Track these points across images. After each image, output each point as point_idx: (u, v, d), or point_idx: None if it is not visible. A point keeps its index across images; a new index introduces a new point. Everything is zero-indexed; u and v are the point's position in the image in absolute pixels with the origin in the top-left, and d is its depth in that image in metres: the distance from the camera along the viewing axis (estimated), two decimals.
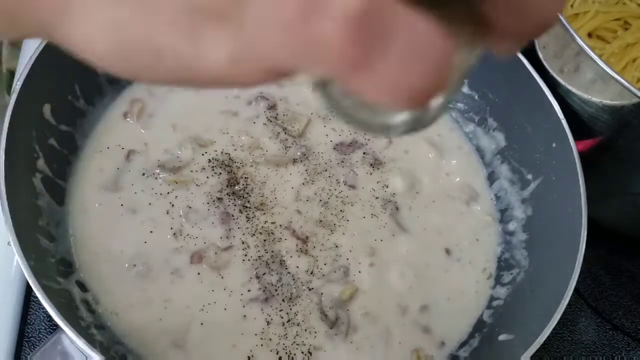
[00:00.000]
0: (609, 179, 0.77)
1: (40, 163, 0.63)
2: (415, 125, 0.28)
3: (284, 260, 0.67)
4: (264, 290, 0.65)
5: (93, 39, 0.23)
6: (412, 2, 0.20)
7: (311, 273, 0.67)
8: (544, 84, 0.71)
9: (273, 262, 0.66)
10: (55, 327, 0.53)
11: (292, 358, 0.62)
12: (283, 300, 0.65)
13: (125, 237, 0.66)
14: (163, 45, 0.22)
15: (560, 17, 0.69)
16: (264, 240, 0.68)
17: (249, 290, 0.65)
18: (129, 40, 0.23)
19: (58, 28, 0.24)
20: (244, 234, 0.68)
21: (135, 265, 0.64)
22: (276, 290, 0.65)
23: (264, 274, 0.66)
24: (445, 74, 0.20)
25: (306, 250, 0.68)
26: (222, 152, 0.73)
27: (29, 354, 0.66)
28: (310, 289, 0.66)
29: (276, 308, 0.64)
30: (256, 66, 0.22)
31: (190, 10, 0.21)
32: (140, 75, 0.25)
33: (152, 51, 0.23)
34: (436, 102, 0.26)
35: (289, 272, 0.66)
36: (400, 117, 0.27)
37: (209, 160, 0.72)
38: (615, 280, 0.84)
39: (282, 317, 0.64)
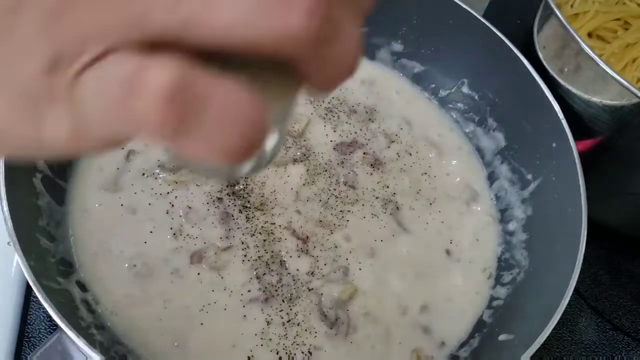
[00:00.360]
0: (609, 179, 0.77)
1: (41, 163, 0.63)
2: (248, 171, 0.31)
3: (284, 261, 0.67)
4: (264, 291, 0.65)
5: None
6: (222, 65, 0.22)
7: (311, 273, 0.67)
8: (544, 84, 0.71)
9: (273, 262, 0.66)
10: (55, 327, 0.53)
11: (292, 358, 0.62)
12: (283, 300, 0.65)
13: (125, 237, 0.66)
14: (4, 126, 0.24)
15: (560, 17, 0.69)
16: (264, 241, 0.68)
17: (249, 291, 0.65)
18: None
19: None
20: (243, 234, 0.68)
21: (135, 265, 0.64)
22: (276, 290, 0.65)
23: (264, 274, 0.66)
24: (258, 130, 0.22)
25: (306, 250, 0.68)
26: None
27: (29, 354, 0.65)
28: (310, 289, 0.66)
29: (276, 308, 0.64)
30: (95, 138, 0.23)
31: (27, 94, 0.22)
32: None
33: None
34: (265, 148, 0.28)
35: (289, 273, 0.66)
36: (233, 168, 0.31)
37: None
38: (616, 281, 0.84)
39: (282, 318, 0.64)
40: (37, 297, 0.52)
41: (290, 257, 0.67)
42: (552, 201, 0.70)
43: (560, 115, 0.69)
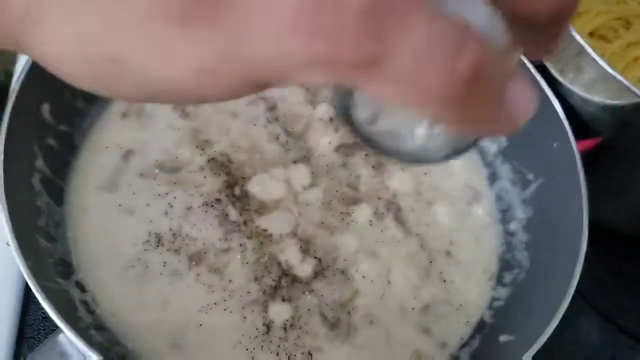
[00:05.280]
0: (610, 180, 0.77)
1: (39, 163, 0.63)
2: (451, 149, 0.24)
3: (283, 263, 0.67)
4: (263, 292, 0.64)
5: (61, 52, 0.22)
6: None
7: (311, 275, 0.67)
8: (545, 84, 0.71)
9: (272, 264, 0.66)
10: (54, 328, 0.53)
11: None
12: (283, 302, 0.64)
13: (124, 237, 0.65)
14: (129, 56, 0.21)
15: None
16: (262, 243, 0.67)
17: (248, 292, 0.64)
18: (96, 53, 0.21)
19: (26, 40, 0.23)
20: (243, 236, 0.67)
21: (133, 266, 0.64)
22: (276, 292, 0.65)
23: (263, 276, 0.65)
24: (481, 67, 0.18)
25: (306, 252, 0.68)
26: (221, 154, 0.73)
27: (27, 355, 0.65)
28: (310, 291, 0.66)
29: (276, 310, 0.64)
30: (233, 77, 0.20)
31: (162, 16, 0.19)
32: (110, 91, 0.23)
33: (118, 64, 0.21)
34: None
35: (288, 275, 0.66)
36: (434, 139, 0.24)
37: (208, 161, 0.72)
38: (617, 281, 0.84)
39: (282, 320, 0.64)
40: (36, 298, 0.52)
41: (290, 259, 0.67)
42: (553, 202, 0.70)
43: (562, 115, 0.69)
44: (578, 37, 0.66)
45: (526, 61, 0.72)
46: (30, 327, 0.68)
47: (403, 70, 0.17)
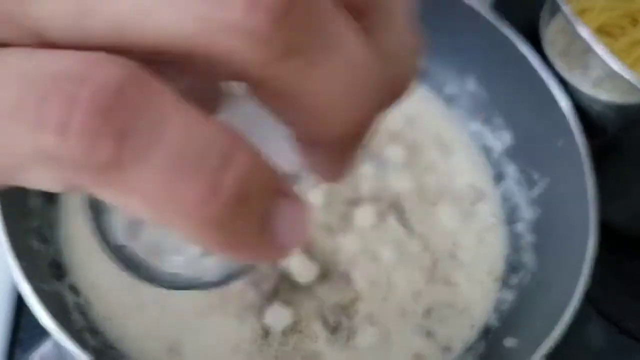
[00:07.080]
0: (617, 179, 0.76)
1: None
2: (226, 271, 0.21)
3: (283, 265, 0.66)
4: (262, 296, 0.64)
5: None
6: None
7: (312, 278, 0.66)
8: (551, 82, 0.70)
9: (271, 267, 0.65)
10: (47, 332, 0.53)
11: None
12: (283, 305, 0.64)
13: None
14: None
15: (567, 13, 0.68)
16: None
17: (246, 296, 0.63)
18: None
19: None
20: None
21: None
22: (275, 295, 0.64)
23: (261, 280, 0.64)
24: (248, 187, 0.14)
25: (307, 254, 0.67)
26: None
27: (21, 359, 0.65)
28: (311, 295, 0.65)
29: (276, 314, 0.63)
30: None
31: None
32: None
33: None
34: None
35: (287, 277, 0.65)
36: (204, 260, 0.21)
37: None
38: (623, 283, 0.83)
39: (282, 323, 0.63)
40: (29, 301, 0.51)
41: (290, 261, 0.66)
42: (560, 202, 0.70)
43: (568, 113, 0.68)
44: (585, 34, 0.65)
45: (532, 59, 0.72)
46: (24, 330, 0.67)
47: (150, 180, 0.14)
